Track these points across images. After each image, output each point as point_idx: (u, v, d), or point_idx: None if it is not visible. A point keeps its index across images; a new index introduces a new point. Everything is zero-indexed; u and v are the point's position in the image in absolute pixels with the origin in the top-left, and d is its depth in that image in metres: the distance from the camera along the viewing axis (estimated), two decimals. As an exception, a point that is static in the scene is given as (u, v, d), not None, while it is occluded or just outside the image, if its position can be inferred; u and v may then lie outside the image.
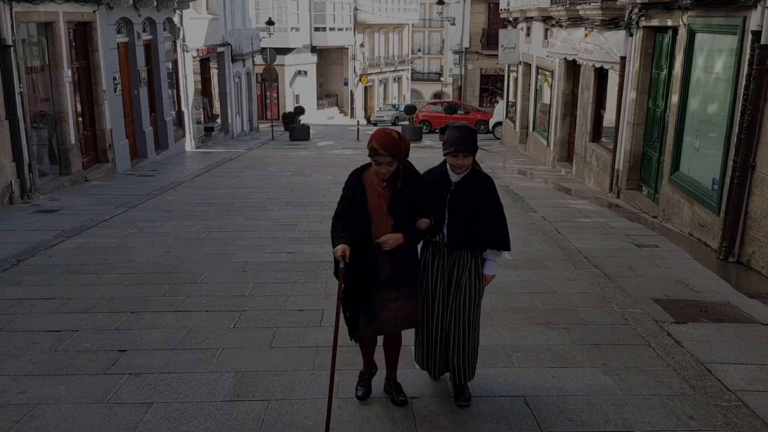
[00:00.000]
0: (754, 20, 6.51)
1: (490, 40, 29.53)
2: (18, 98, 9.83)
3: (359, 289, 3.56)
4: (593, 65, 12.17)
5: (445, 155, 3.66)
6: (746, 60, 6.58)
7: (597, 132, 12.89)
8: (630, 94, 10.39)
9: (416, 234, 3.57)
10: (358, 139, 24.01)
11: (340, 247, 3.39)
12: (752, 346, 4.60)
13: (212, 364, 4.24)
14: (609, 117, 12.10)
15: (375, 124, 32.99)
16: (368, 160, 3.53)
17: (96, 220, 8.79)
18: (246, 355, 4.39)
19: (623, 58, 10.52)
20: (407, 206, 3.51)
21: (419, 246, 3.74)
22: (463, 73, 31.25)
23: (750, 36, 6.53)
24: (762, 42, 6.32)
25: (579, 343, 4.61)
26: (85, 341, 4.60)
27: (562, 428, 3.54)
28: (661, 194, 9.15)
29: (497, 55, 22.69)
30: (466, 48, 30.83)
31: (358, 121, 28.76)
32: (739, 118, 6.67)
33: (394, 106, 38.68)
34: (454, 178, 3.68)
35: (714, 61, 7.77)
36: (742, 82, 6.69)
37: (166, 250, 7.21)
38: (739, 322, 5.06)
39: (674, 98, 8.76)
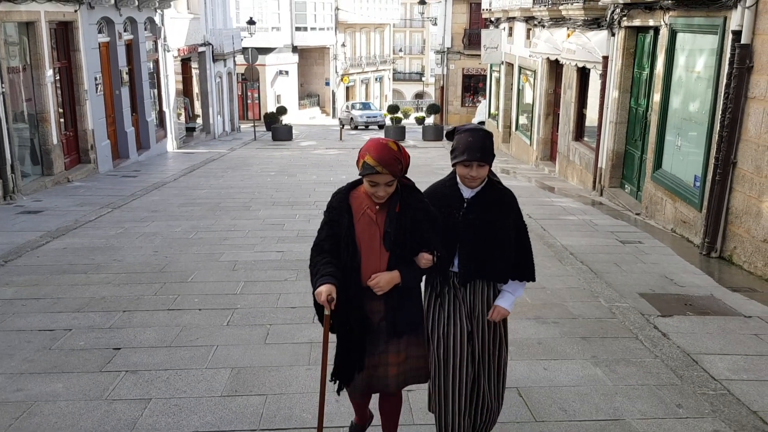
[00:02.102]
0: (734, 20, 6.66)
1: (472, 40, 29.70)
2: (0, 98, 9.74)
3: (349, 341, 2.91)
4: (576, 65, 12.34)
5: (454, 165, 2.96)
6: (727, 59, 6.74)
7: (580, 131, 13.07)
8: (612, 93, 10.55)
9: (416, 273, 2.88)
10: (341, 139, 24.04)
11: (323, 289, 2.69)
12: (736, 337, 4.72)
13: (208, 361, 4.27)
14: (591, 116, 12.28)
15: (355, 127, 31.41)
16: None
17: (81, 220, 8.74)
18: (241, 352, 4.42)
19: (605, 58, 10.68)
20: (406, 236, 2.83)
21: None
22: (445, 72, 31.38)
23: (730, 36, 6.69)
24: (742, 41, 6.48)
25: (568, 336, 4.71)
26: (78, 340, 4.60)
27: (554, 417, 3.62)
28: (644, 192, 9.31)
29: (479, 55, 22.85)
30: (447, 48, 30.97)
31: (340, 120, 28.76)
32: (720, 116, 6.82)
33: (364, 105, 35.39)
34: (466, 193, 2.98)
35: (695, 60, 7.93)
36: (723, 80, 6.84)
37: (154, 250, 7.20)
38: (723, 315, 5.19)
39: (656, 97, 8.92)
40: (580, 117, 13.00)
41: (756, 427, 3.50)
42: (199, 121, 23.51)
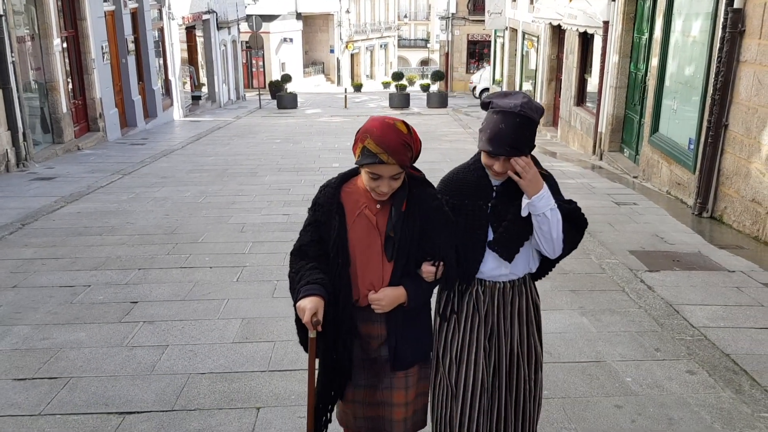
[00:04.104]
0: (727, -16, 6.78)
1: (476, 5, 29.54)
2: (11, 67, 9.95)
3: (337, 376, 2.37)
4: (577, 30, 12.42)
5: (480, 149, 2.37)
6: (720, 23, 6.87)
7: (581, 96, 13.19)
8: (613, 58, 10.67)
9: (425, 289, 2.34)
10: (345, 106, 24.13)
11: (306, 304, 2.16)
12: (718, 290, 4.98)
13: (219, 312, 4.57)
14: (593, 81, 12.40)
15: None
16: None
17: (93, 186, 9.01)
18: (250, 305, 4.71)
19: (606, 23, 10.78)
20: (414, 243, 2.27)
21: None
22: (450, 39, 31.27)
23: (724, 0, 6.81)
24: (735, 5, 6.61)
25: (558, 289, 4.97)
26: (98, 295, 4.90)
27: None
28: (641, 155, 9.50)
29: (484, 21, 22.80)
30: (452, 14, 30.81)
31: (345, 89, 28.80)
32: (713, 80, 6.99)
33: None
34: (495, 180, 2.40)
35: (691, 24, 8.06)
36: (717, 45, 6.99)
37: (165, 214, 7.48)
38: (708, 270, 5.44)
39: (654, 61, 9.06)
40: (582, 82, 13.12)
41: (727, 368, 3.78)
42: (205, 89, 23.64)
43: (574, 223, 2.43)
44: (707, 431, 3.19)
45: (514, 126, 2.21)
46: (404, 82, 25.36)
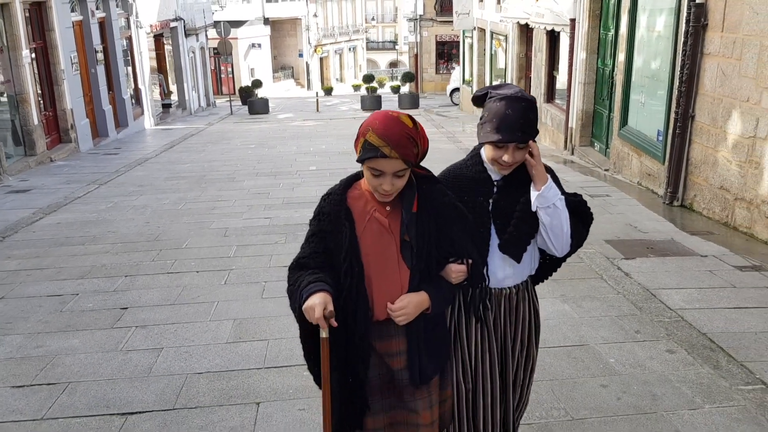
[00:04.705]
0: (689, -20, 7.03)
1: (444, 6, 29.82)
2: (-20, 80, 9.87)
3: (353, 405, 2.16)
4: (545, 28, 12.67)
5: (483, 143, 2.31)
6: (684, 18, 7.12)
7: (551, 93, 13.46)
8: (580, 55, 10.92)
9: (446, 293, 2.18)
10: (318, 110, 24.19)
11: (314, 300, 1.94)
12: (692, 274, 5.18)
13: (211, 314, 4.63)
14: (561, 78, 12.66)
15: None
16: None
17: (70, 197, 8.97)
18: (240, 306, 4.78)
19: (573, 21, 11.03)
20: (432, 244, 2.12)
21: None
22: (418, 40, 31.50)
23: (686, -5, 7.07)
24: (697, 0, 6.85)
25: (540, 279, 5.12)
26: (87, 302, 4.93)
27: (528, 348, 4.04)
28: (611, 148, 9.75)
29: (452, 22, 23.04)
30: (420, 15, 31.05)
31: (317, 93, 28.85)
32: (679, 73, 7.23)
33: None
34: (495, 174, 2.34)
35: (656, 19, 8.31)
36: (681, 38, 7.23)
37: (146, 221, 7.49)
38: (681, 256, 5.65)
39: (621, 57, 9.31)
40: (551, 79, 13.38)
41: (704, 346, 3.96)
42: (174, 97, 23.51)
43: (580, 217, 2.40)
44: (689, 405, 3.36)
45: (521, 110, 2.17)
46: (375, 84, 25.52)
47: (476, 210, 2.30)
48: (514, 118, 2.16)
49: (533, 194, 2.27)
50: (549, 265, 2.55)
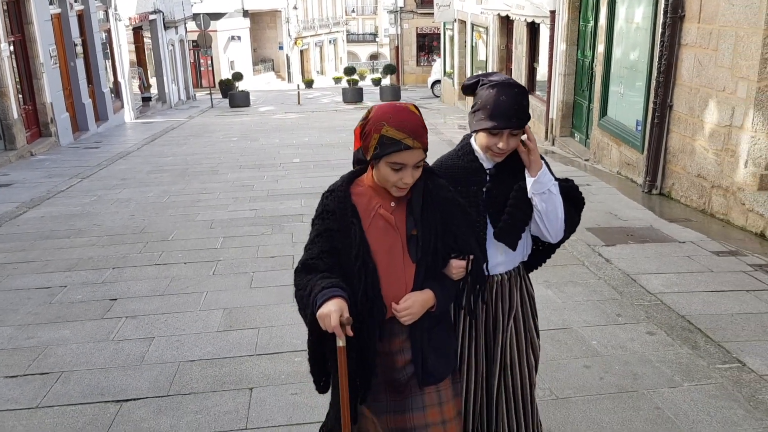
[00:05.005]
0: (666, -27, 7.16)
1: (423, -2, 29.86)
2: (-41, 73, 9.76)
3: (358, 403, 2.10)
4: (525, 20, 12.79)
5: (476, 131, 2.28)
6: (662, 9, 7.26)
7: (531, 84, 13.59)
8: (560, 47, 11.05)
9: (451, 289, 2.13)
10: (299, 103, 24.15)
11: (330, 307, 1.85)
12: (670, 259, 5.33)
13: (200, 304, 4.68)
14: (542, 70, 12.80)
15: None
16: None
17: (53, 191, 8.94)
18: (230, 296, 4.84)
19: (553, 12, 11.15)
20: (439, 238, 2.07)
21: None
22: (399, 32, 31.52)
23: (664, -13, 7.20)
24: (674, -8, 6.99)
25: (524, 266, 5.24)
26: (76, 294, 4.95)
27: (513, 332, 4.15)
28: (591, 139, 9.91)
29: (433, 14, 23.10)
30: (400, 7, 31.06)
31: (298, 86, 28.78)
32: (657, 63, 7.38)
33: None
34: (487, 163, 2.33)
35: (634, 11, 8.45)
36: (659, 30, 7.37)
37: (131, 214, 7.49)
38: (660, 242, 5.80)
39: (600, 48, 9.45)
40: (531, 71, 13.52)
41: (683, 327, 4.10)
42: (154, 90, 23.34)
43: (573, 202, 2.40)
44: (668, 383, 3.49)
45: (514, 96, 2.17)
46: (356, 77, 25.53)
47: (470, 199, 2.29)
48: (508, 104, 2.16)
49: (529, 180, 2.27)
50: (542, 252, 2.55)
